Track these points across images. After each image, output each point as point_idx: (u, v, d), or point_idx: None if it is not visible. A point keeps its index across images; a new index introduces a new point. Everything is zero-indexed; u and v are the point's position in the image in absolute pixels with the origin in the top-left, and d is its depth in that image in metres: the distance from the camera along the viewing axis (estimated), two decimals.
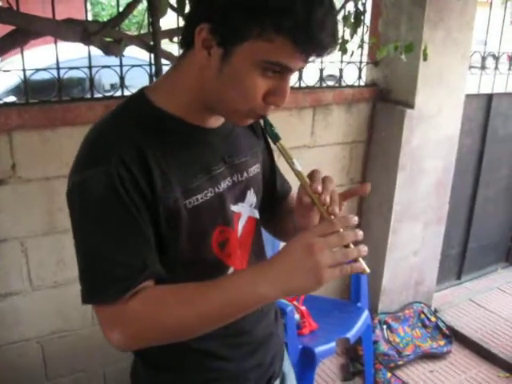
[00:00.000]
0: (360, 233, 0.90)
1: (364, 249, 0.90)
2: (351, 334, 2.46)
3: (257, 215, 1.20)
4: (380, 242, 3.02)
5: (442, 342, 3.11)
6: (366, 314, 2.60)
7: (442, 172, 3.05)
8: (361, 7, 2.49)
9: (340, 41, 2.49)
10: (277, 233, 1.34)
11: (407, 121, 2.76)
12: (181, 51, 1.04)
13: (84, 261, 0.95)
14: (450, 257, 3.67)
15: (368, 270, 0.90)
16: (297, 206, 1.09)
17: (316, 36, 0.87)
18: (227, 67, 0.92)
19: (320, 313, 2.61)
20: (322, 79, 2.79)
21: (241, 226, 1.14)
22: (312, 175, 1.01)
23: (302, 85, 2.72)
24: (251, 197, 1.17)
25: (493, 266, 4.04)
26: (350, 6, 2.50)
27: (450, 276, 3.78)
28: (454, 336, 3.18)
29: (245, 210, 1.15)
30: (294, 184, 1.22)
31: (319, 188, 0.98)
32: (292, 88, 2.66)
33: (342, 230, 0.89)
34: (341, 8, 2.45)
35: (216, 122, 1.08)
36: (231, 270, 1.11)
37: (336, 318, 2.62)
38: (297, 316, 2.47)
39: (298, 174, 1.01)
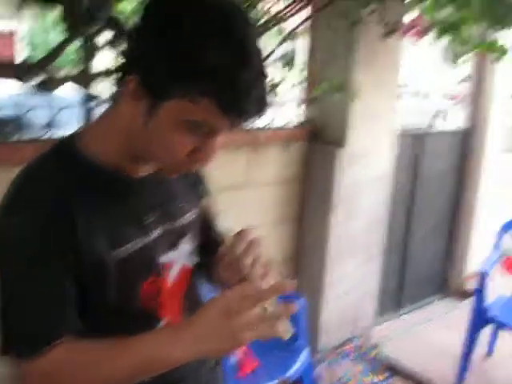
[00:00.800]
0: (285, 287, 0.88)
1: (282, 312, 0.88)
2: (291, 373, 2.44)
3: (191, 263, 1.17)
4: (317, 279, 3.04)
5: (382, 376, 3.13)
6: (306, 351, 2.59)
7: (376, 209, 3.12)
8: (293, 50, 2.56)
9: (271, 84, 2.54)
10: (212, 280, 1.30)
11: (339, 160, 2.83)
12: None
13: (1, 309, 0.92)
14: (387, 290, 3.72)
15: (286, 336, 0.88)
16: (221, 262, 1.08)
17: (241, 102, 0.85)
18: (153, 121, 0.91)
19: (261, 351, 2.58)
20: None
21: (172, 275, 1.11)
22: (238, 236, 1.00)
23: None
24: (186, 244, 1.14)
25: (430, 298, 4.12)
26: (285, 47, 2.57)
27: (388, 309, 3.82)
28: (395, 369, 3.20)
29: (177, 259, 1.12)
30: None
31: (239, 250, 0.98)
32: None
33: (263, 290, 0.88)
34: (271, 52, 2.50)
35: (148, 169, 1.06)
36: (163, 321, 1.08)
37: (276, 356, 2.59)
38: (235, 358, 2.43)
39: (223, 232, 1.00)
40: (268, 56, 2.52)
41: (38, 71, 2.01)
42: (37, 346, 0.89)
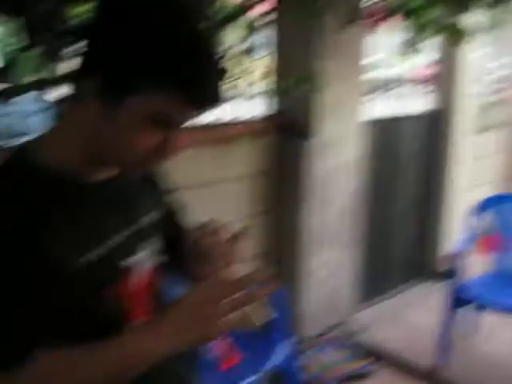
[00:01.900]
0: (257, 275, 0.90)
1: (265, 292, 0.90)
2: (274, 363, 2.46)
3: (156, 263, 1.17)
4: (296, 269, 3.07)
5: (365, 362, 3.16)
6: (286, 342, 2.60)
7: (350, 197, 3.14)
8: (259, 41, 2.57)
9: (232, 77, 2.55)
10: (178, 273, 1.30)
11: (308, 151, 2.85)
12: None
13: None
14: (368, 277, 3.75)
15: (257, 324, 0.90)
16: (190, 256, 1.10)
17: (203, 92, 0.89)
18: (115, 119, 0.91)
19: (243, 342, 2.58)
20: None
21: (137, 278, 1.10)
22: (203, 228, 1.01)
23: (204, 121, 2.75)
24: (151, 245, 1.14)
25: (409, 282, 4.16)
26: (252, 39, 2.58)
27: (369, 295, 3.84)
28: (378, 354, 3.24)
29: (142, 262, 1.12)
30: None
31: (207, 241, 1.00)
32: (193, 125, 2.67)
33: (236, 279, 0.89)
34: (225, 48, 2.50)
35: (107, 174, 1.05)
36: (130, 324, 1.07)
37: (259, 348, 2.61)
38: (214, 354, 2.44)
39: (191, 225, 1.01)
40: (231, 48, 2.53)
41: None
42: (11, 360, 0.88)
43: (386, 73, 3.59)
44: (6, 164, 0.98)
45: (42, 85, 2.06)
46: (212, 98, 0.91)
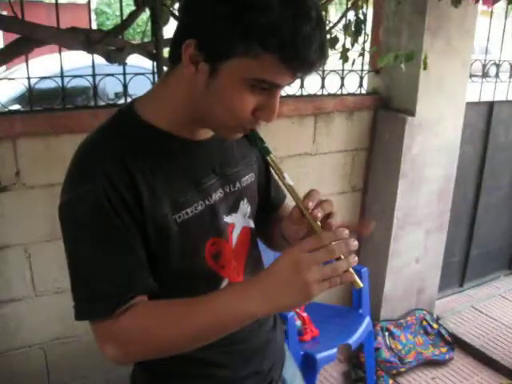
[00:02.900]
0: (354, 243, 0.88)
1: (354, 259, 0.88)
2: (353, 341, 2.47)
3: (251, 225, 1.19)
4: (381, 250, 3.03)
5: (443, 349, 3.11)
6: (367, 320, 2.61)
7: (443, 179, 3.06)
8: (361, 16, 2.52)
9: (341, 49, 2.52)
10: (266, 240, 1.34)
11: (408, 128, 2.78)
12: None
13: (74, 278, 0.96)
14: (452, 264, 3.67)
15: (361, 284, 0.90)
16: (287, 218, 1.07)
17: (302, 53, 0.86)
18: (214, 83, 0.92)
19: (321, 319, 2.62)
20: (323, 87, 2.81)
21: (235, 236, 1.14)
22: (308, 193, 0.98)
23: (304, 93, 2.74)
24: (245, 207, 1.16)
25: (495, 274, 4.04)
26: (351, 15, 2.53)
27: (452, 283, 3.78)
28: (456, 343, 3.18)
29: (238, 221, 1.15)
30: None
31: (310, 204, 0.95)
32: (294, 96, 2.69)
33: (333, 243, 0.87)
34: (341, 17, 2.48)
35: (206, 134, 1.08)
36: (226, 281, 1.11)
37: (337, 324, 2.63)
38: (298, 322, 2.48)
39: (288, 187, 0.98)
40: (335, 25, 2.49)
41: (112, 40, 2.07)
42: (114, 305, 0.92)
43: (495, 56, 3.41)
44: (108, 121, 1.03)
45: (151, 47, 2.12)
46: (309, 62, 0.89)
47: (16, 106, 2.82)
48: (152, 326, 0.94)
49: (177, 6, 2.11)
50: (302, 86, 2.72)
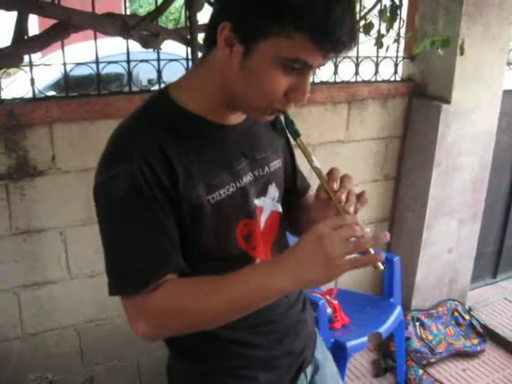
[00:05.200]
0: (385, 235, 0.92)
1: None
2: (383, 329, 2.46)
3: (280, 209, 1.22)
4: (414, 239, 3.00)
5: (475, 341, 3.08)
6: (398, 309, 2.59)
7: (478, 168, 3.01)
8: (397, 1, 2.47)
9: (376, 35, 2.48)
10: (292, 228, 1.35)
11: (443, 116, 2.73)
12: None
13: (108, 255, 0.99)
14: (485, 255, 3.61)
15: (382, 267, 0.91)
16: (314, 201, 1.10)
17: (334, 34, 0.89)
18: (248, 64, 0.94)
19: (352, 307, 2.62)
20: (357, 74, 2.78)
21: (263, 219, 1.16)
22: (331, 173, 1.02)
23: (337, 79, 2.72)
24: (273, 191, 1.19)
25: None
26: (387, 0, 2.49)
27: (485, 274, 3.72)
28: (488, 335, 3.14)
29: (267, 204, 1.17)
30: (313, 182, 1.24)
31: (335, 186, 0.99)
32: (327, 83, 2.67)
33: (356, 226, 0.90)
34: (377, 2, 2.44)
35: (237, 118, 1.11)
36: (257, 262, 1.13)
37: (368, 313, 2.62)
38: (329, 310, 2.48)
39: (316, 170, 1.02)
40: (370, 10, 2.46)
41: (147, 26, 2.07)
42: (147, 280, 0.95)
43: None
44: (143, 104, 1.05)
45: (186, 33, 2.12)
46: (339, 43, 0.91)
47: (52, 93, 2.87)
48: (182, 300, 0.96)
49: None
50: (335, 73, 2.70)
